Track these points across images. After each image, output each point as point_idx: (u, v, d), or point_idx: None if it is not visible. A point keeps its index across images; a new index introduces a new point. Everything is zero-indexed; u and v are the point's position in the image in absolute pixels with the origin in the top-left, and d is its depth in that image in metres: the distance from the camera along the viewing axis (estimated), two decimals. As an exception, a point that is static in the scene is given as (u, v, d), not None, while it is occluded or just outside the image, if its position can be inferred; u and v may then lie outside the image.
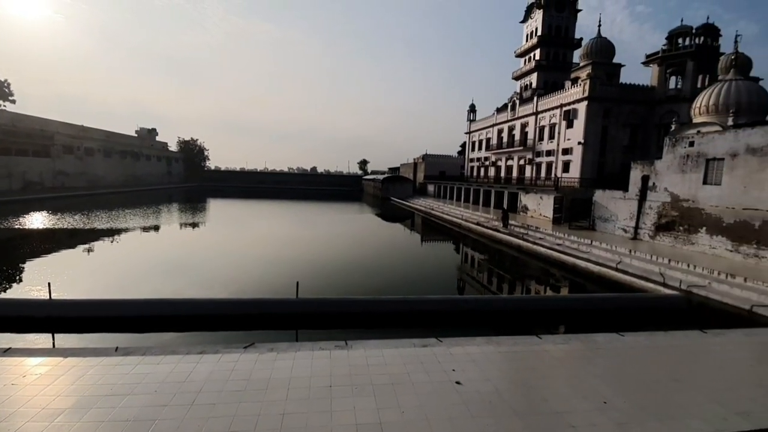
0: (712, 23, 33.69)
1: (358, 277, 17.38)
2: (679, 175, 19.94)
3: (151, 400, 5.29)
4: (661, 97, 34.59)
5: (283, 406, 5.16)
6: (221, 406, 5.17)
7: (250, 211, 49.78)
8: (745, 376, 6.69)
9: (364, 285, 15.76)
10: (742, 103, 23.94)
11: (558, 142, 37.73)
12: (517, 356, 7.02)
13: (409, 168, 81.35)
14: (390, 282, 16.72)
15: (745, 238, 16.65)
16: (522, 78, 53.35)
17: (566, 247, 21.72)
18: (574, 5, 50.55)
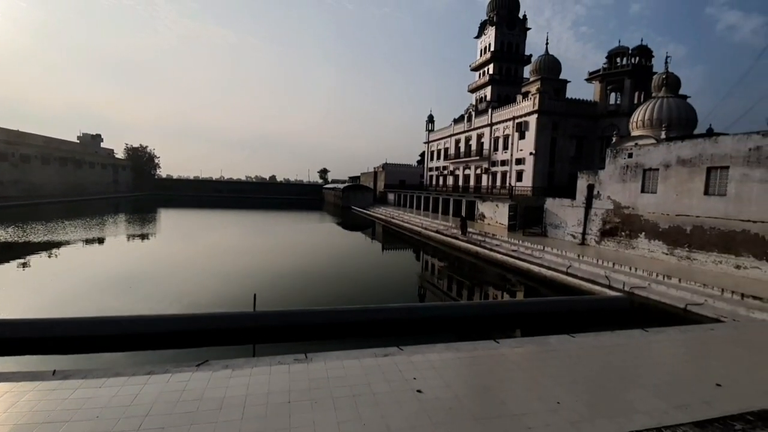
0: (646, 45, 36.77)
1: (318, 287, 17.11)
2: (620, 184, 21.40)
3: (92, 426, 4.88)
4: (602, 111, 37.13)
5: (239, 426, 4.93)
6: (171, 429, 4.85)
7: (205, 222, 47.77)
8: (682, 370, 7.21)
9: (325, 295, 15.53)
10: (673, 119, 26.17)
11: (511, 152, 39.37)
12: (476, 361, 7.16)
13: (370, 177, 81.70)
14: (351, 292, 16.60)
15: (679, 242, 18.10)
16: (477, 91, 55.42)
17: (521, 253, 22.60)
18: (524, 24, 53.38)
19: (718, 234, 16.45)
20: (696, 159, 17.54)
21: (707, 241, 16.87)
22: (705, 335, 9.46)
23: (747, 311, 12.08)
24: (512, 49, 52.50)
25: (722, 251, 16.28)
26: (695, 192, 17.52)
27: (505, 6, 52.49)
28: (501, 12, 51.86)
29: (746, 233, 15.47)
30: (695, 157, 17.60)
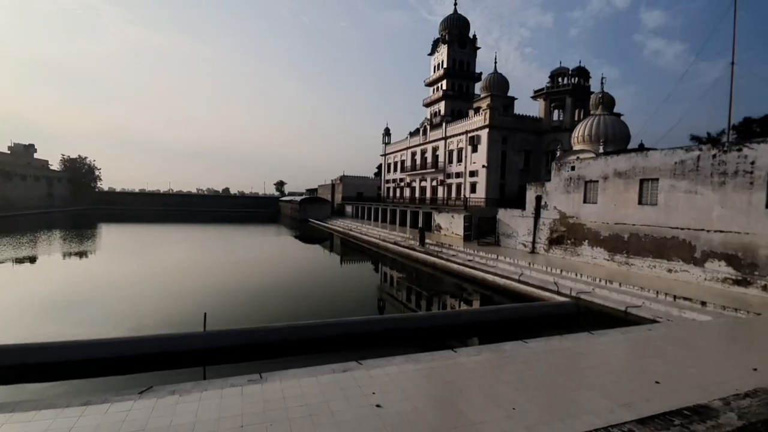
0: (584, 66, 39.72)
1: (275, 303, 16.58)
2: (565, 195, 22.72)
3: (11, 472, 4.34)
4: (547, 127, 39.45)
5: (186, 456, 4.60)
6: (108, 466, 4.43)
7: (151, 238, 45.04)
8: (624, 370, 7.66)
9: (281, 312, 15.05)
10: (609, 134, 28.28)
11: (465, 164, 40.70)
12: (434, 372, 7.19)
13: (327, 189, 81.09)
14: (309, 307, 16.22)
15: (618, 249, 19.42)
16: (432, 105, 57.04)
17: (476, 262, 23.24)
18: (474, 43, 55.92)
19: (652, 241, 17.85)
20: (630, 171, 19.03)
21: (642, 248, 18.24)
22: (644, 335, 10.13)
23: (679, 311, 13.13)
24: (464, 66, 54.77)
25: (656, 257, 17.66)
26: (630, 202, 18.95)
27: (456, 26, 54.84)
28: (453, 31, 54.10)
29: (675, 239, 16.90)
30: (629, 170, 19.09)
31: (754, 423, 4.17)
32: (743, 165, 14.79)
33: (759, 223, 14.27)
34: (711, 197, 15.74)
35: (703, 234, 15.93)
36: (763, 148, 14.36)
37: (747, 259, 14.55)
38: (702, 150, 16.35)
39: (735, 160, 15.05)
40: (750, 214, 14.54)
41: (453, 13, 55.56)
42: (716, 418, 4.40)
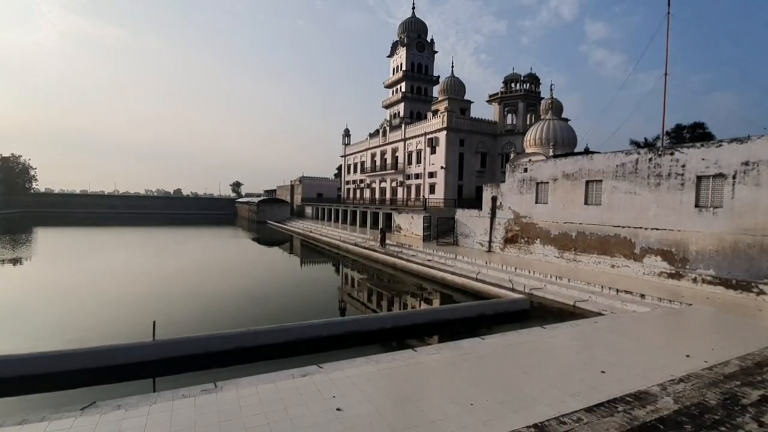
0: (535, 73, 41.62)
1: (231, 309, 15.99)
2: (519, 196, 23.68)
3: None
4: (501, 130, 40.94)
5: (133, 475, 4.32)
6: (43, 492, 4.07)
7: (94, 242, 42.06)
8: (573, 361, 8.09)
9: (239, 317, 14.54)
10: (558, 138, 29.78)
11: (424, 166, 41.34)
12: (394, 372, 7.23)
13: (286, 190, 79.51)
14: (269, 310, 15.81)
15: (567, 247, 20.50)
16: (391, 107, 57.47)
17: (435, 262, 23.67)
18: (432, 47, 56.98)
19: (597, 238, 19.01)
20: (577, 173, 20.16)
21: (589, 245, 19.37)
22: (590, 327, 10.76)
23: (622, 304, 14.06)
24: (422, 69, 55.67)
25: (600, 253, 18.82)
26: (578, 202, 20.07)
27: (414, 29, 55.64)
28: (411, 35, 54.85)
29: (617, 237, 18.10)
30: (576, 172, 20.22)
31: (687, 406, 4.54)
32: (675, 168, 16.11)
33: (689, 221, 15.60)
34: (648, 197, 17.00)
35: (641, 231, 17.18)
36: (692, 152, 15.71)
37: (679, 254, 15.86)
38: (640, 154, 17.63)
39: (668, 163, 16.36)
40: (681, 213, 15.85)
41: (411, 16, 56.36)
42: (655, 403, 4.75)
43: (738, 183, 14.28)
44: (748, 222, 13.97)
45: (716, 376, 5.97)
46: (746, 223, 14.01)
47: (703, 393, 5.04)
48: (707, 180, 15.24)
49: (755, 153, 13.91)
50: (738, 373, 6.08)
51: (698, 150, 15.59)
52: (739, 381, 5.59)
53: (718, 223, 14.74)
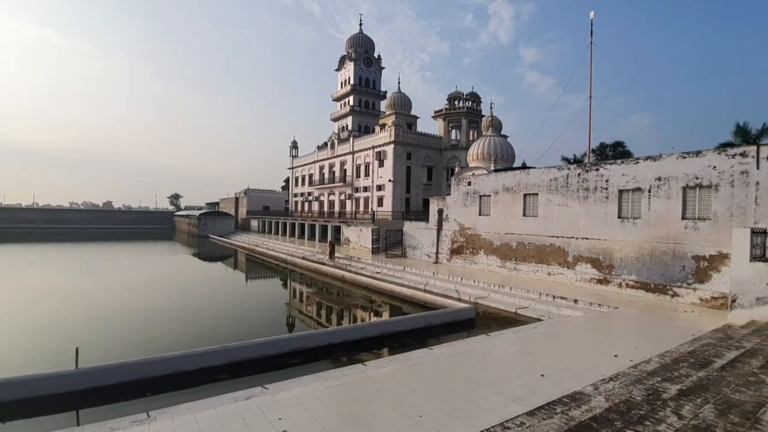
0: (476, 92, 43.86)
1: (168, 330, 14.91)
2: (463, 208, 24.60)
3: None
4: (446, 145, 42.50)
5: None
6: None
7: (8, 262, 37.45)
8: (516, 367, 8.45)
9: (176, 339, 13.55)
10: (498, 154, 31.44)
11: (372, 179, 41.71)
12: (344, 389, 7.11)
13: (231, 203, 76.34)
14: (210, 330, 14.92)
15: (508, 256, 21.55)
16: (339, 120, 57.63)
17: (384, 274, 23.78)
18: (379, 62, 58.17)
19: (534, 248, 20.18)
20: (516, 187, 21.38)
21: (527, 254, 20.51)
22: (530, 333, 11.33)
23: (558, 309, 14.97)
24: (369, 84, 56.57)
25: (538, 262, 19.99)
26: (517, 214, 21.25)
27: (362, 45, 56.58)
28: (359, 50, 55.69)
29: (552, 246, 19.35)
30: (515, 186, 21.44)
31: (617, 403, 4.90)
32: (600, 183, 17.64)
33: (613, 231, 17.08)
34: (578, 209, 18.41)
35: (573, 241, 18.52)
36: (614, 169, 17.31)
37: (606, 262, 17.27)
38: (570, 169, 19.11)
39: (594, 178, 17.88)
40: (606, 223, 17.33)
41: (359, 32, 57.31)
42: (588, 403, 5.07)
43: (653, 196, 15.93)
44: (662, 231, 15.58)
45: (640, 373, 6.52)
46: (660, 233, 15.61)
47: (630, 390, 5.48)
48: (627, 193, 16.83)
49: (666, 170, 15.63)
50: (658, 370, 6.69)
51: (619, 167, 17.21)
52: (660, 377, 6.15)
53: (638, 232, 16.29)
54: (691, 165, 14.98)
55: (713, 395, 4.81)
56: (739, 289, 11.57)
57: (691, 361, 7.09)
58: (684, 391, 5.10)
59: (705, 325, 11.29)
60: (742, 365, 6.30)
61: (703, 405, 4.48)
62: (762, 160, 13.29)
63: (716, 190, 14.29)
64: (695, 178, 14.83)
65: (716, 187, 14.29)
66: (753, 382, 5.13)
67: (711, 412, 4.18)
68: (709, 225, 14.35)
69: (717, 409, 4.24)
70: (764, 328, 9.58)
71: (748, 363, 6.38)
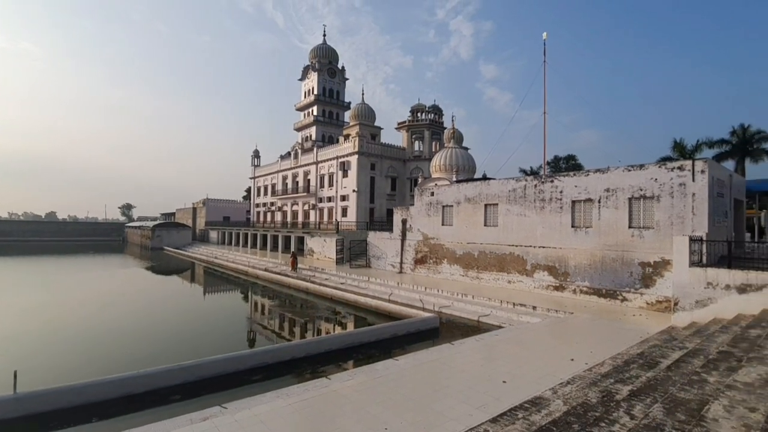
0: (438, 105, 45.03)
1: (118, 350, 13.94)
2: (427, 218, 24.95)
3: None
4: (410, 156, 43.14)
5: None
6: None
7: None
8: (479, 374, 8.58)
9: (127, 359, 12.67)
10: (460, 165, 32.28)
11: (336, 189, 41.51)
12: (307, 404, 6.92)
13: (188, 213, 73.25)
14: (164, 349, 14.12)
15: (470, 265, 22.01)
16: (303, 129, 57.14)
17: (348, 285, 23.57)
18: (343, 74, 58.45)
19: (495, 257, 20.76)
20: (477, 197, 21.99)
21: (489, 263, 21.06)
22: (492, 340, 11.57)
23: (518, 316, 15.42)
24: (333, 94, 56.64)
25: (499, 270, 20.56)
26: (478, 224, 21.82)
27: (326, 56, 56.68)
28: (322, 60, 55.75)
29: (512, 255, 19.99)
30: (476, 196, 22.05)
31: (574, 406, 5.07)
32: (555, 194, 18.49)
33: (567, 240, 17.91)
34: (535, 219, 19.18)
35: (531, 249, 19.23)
36: (568, 180, 18.23)
37: (561, 269, 18.04)
38: (527, 181, 19.92)
39: (550, 189, 18.73)
40: (561, 232, 18.15)
41: (322, 43, 57.41)
42: (548, 407, 5.22)
43: (602, 206, 16.89)
44: (611, 239, 16.52)
45: (595, 376, 6.81)
46: (610, 241, 16.55)
47: (586, 393, 5.70)
48: (580, 204, 17.75)
49: (613, 182, 16.65)
50: (611, 372, 7.02)
51: (572, 179, 18.15)
52: (613, 379, 6.45)
53: (590, 240, 17.18)
54: (635, 177, 16.05)
55: (661, 394, 5.10)
56: (681, 292, 12.44)
57: (640, 362, 7.49)
58: (635, 392, 5.36)
59: (652, 328, 12.01)
60: (685, 365, 6.73)
61: (653, 404, 4.73)
62: (697, 173, 14.47)
63: (658, 200, 15.37)
64: (639, 190, 15.89)
65: (658, 198, 15.38)
66: (696, 380, 5.49)
67: (660, 411, 4.42)
68: (653, 233, 15.38)
69: (665, 408, 4.49)
70: (704, 329, 10.32)
71: (691, 363, 6.83)
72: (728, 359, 6.50)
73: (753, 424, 3.66)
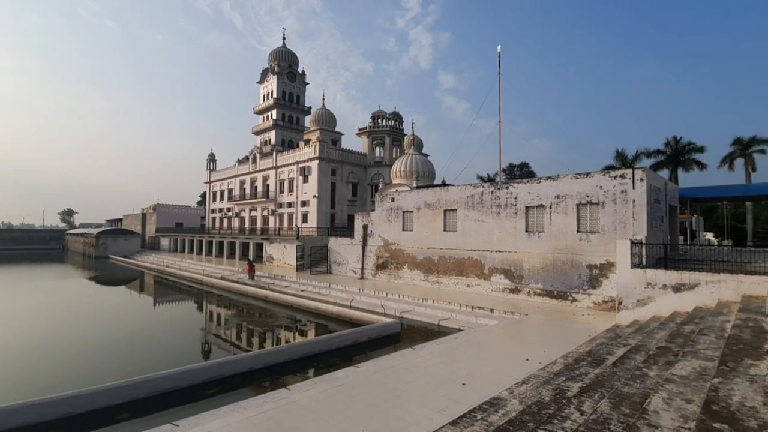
0: (398, 112, 45.64)
1: (56, 367, 12.85)
2: (387, 224, 25.11)
3: None
4: (370, 162, 43.35)
5: None
6: None
7: None
8: (439, 378, 8.71)
9: (67, 377, 11.70)
10: (420, 171, 32.85)
11: (297, 194, 40.89)
12: (265, 417, 6.71)
13: (137, 219, 69.27)
14: (111, 365, 13.17)
15: (431, 270, 22.37)
16: (262, 133, 55.90)
17: (309, 292, 23.20)
18: (303, 78, 57.87)
19: (455, 261, 21.24)
20: (437, 203, 22.44)
21: (448, 268, 21.50)
22: (452, 344, 11.80)
23: (476, 319, 15.83)
24: (293, 99, 55.90)
25: (458, 275, 21.04)
26: (438, 229, 22.25)
27: (285, 59, 55.91)
28: (282, 64, 54.94)
29: (470, 259, 20.53)
30: (436, 202, 22.50)
31: (529, 405, 5.27)
32: (510, 200, 19.25)
33: (522, 244, 18.67)
34: (492, 224, 19.84)
35: (488, 254, 19.85)
36: (522, 187, 19.04)
37: (516, 272, 18.76)
38: (484, 187, 20.60)
39: (505, 195, 19.47)
40: (516, 237, 18.90)
41: (282, 46, 56.58)
42: (505, 407, 5.39)
43: (553, 212, 17.78)
44: (561, 243, 17.41)
45: (548, 374, 7.12)
46: (560, 245, 17.43)
47: (540, 391, 5.94)
48: (533, 209, 18.58)
49: (563, 188, 17.58)
50: (563, 370, 7.37)
51: (526, 185, 18.98)
52: (564, 377, 6.77)
53: (542, 244, 18.01)
54: (583, 185, 17.06)
55: (608, 390, 5.42)
56: (624, 292, 13.31)
57: (589, 360, 7.92)
58: (584, 388, 5.66)
59: (599, 326, 12.75)
60: (629, 360, 7.19)
61: (600, 399, 5.01)
62: (636, 181, 15.61)
63: (603, 206, 16.41)
64: (586, 196, 16.89)
65: (603, 204, 16.41)
66: (638, 375, 5.88)
67: (606, 405, 4.69)
68: (599, 237, 16.38)
69: (611, 403, 4.77)
70: (644, 327, 11.08)
71: (634, 358, 7.31)
72: (666, 354, 7.02)
73: (689, 415, 3.97)
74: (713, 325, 8.18)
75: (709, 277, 11.76)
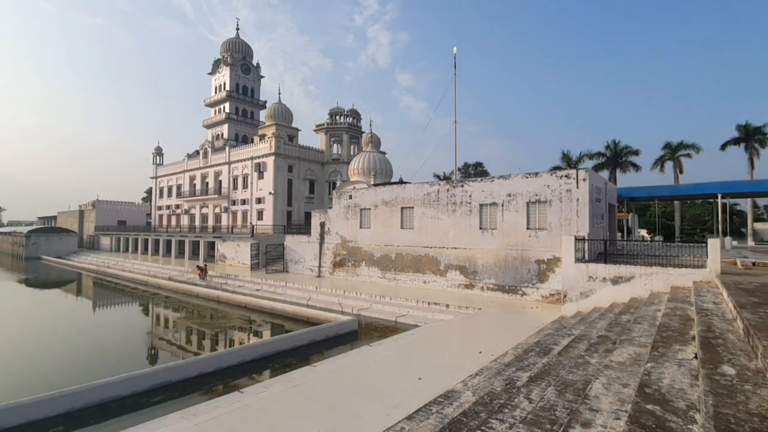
0: (356, 109, 45.49)
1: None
2: (345, 221, 24.98)
3: None
4: (328, 159, 42.91)
5: None
6: None
7: None
8: (396, 373, 8.80)
9: None
10: (377, 169, 32.95)
11: (251, 191, 39.64)
12: (217, 423, 6.45)
13: (73, 217, 64.09)
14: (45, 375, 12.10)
15: (388, 267, 22.54)
16: (214, 127, 53.61)
17: (264, 291, 22.60)
18: (258, 71, 56.11)
19: (412, 258, 21.54)
20: (394, 201, 22.62)
21: (405, 265, 21.77)
22: (409, 339, 11.97)
23: (432, 315, 16.15)
24: (247, 92, 54.07)
25: (415, 271, 21.36)
26: (395, 226, 22.45)
27: (239, 51, 53.89)
28: (236, 55, 52.91)
29: (427, 256, 20.91)
30: (393, 200, 22.68)
31: (482, 396, 5.46)
32: (465, 198, 19.80)
33: (476, 241, 19.28)
34: (448, 222, 20.32)
35: (444, 251, 20.32)
36: (476, 186, 19.64)
37: (471, 268, 19.35)
38: (440, 185, 21.04)
39: (460, 193, 20.00)
40: (471, 234, 19.48)
41: (236, 37, 54.45)
42: (459, 399, 5.54)
43: (505, 210, 18.51)
44: (512, 240, 18.17)
45: (499, 366, 7.41)
46: (512, 241, 18.18)
47: (492, 382, 6.17)
48: (486, 207, 19.23)
49: (514, 187, 18.35)
50: (513, 361, 7.70)
51: (479, 184, 19.60)
52: (515, 367, 7.08)
53: (495, 241, 18.70)
54: (532, 184, 17.89)
55: (554, 378, 5.73)
56: (568, 286, 14.14)
57: (537, 350, 8.33)
58: (533, 378, 5.95)
59: (546, 318, 13.45)
60: (572, 349, 7.65)
61: (547, 387, 5.28)
62: (580, 181, 16.60)
63: (550, 204, 17.30)
64: (535, 195, 17.74)
65: (550, 203, 17.31)
66: (581, 363, 6.26)
67: (553, 393, 4.96)
68: (546, 234, 17.26)
69: (557, 390, 5.04)
70: (587, 317, 11.84)
71: (577, 347, 7.78)
72: (605, 342, 7.54)
73: (626, 398, 4.28)
74: (646, 315, 8.89)
75: (643, 270, 12.76)
